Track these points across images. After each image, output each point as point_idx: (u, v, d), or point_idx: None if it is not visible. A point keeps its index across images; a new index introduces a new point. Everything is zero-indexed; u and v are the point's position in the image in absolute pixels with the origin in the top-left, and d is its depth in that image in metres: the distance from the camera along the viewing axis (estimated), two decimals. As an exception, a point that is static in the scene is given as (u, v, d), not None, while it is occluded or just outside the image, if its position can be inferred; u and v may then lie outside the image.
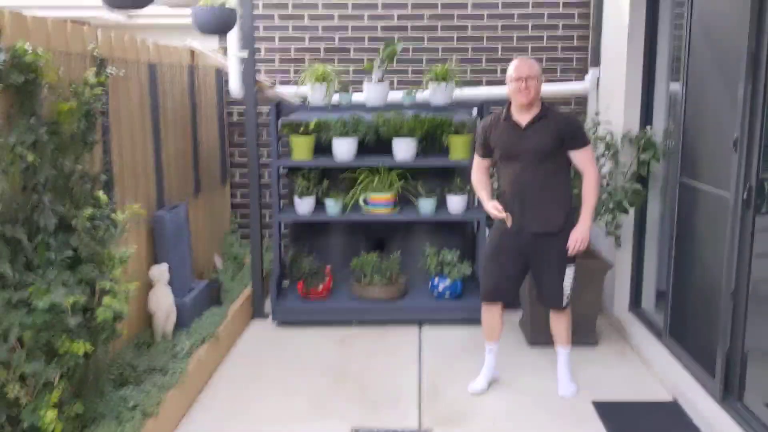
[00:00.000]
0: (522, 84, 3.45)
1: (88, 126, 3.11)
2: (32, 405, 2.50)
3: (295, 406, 3.64)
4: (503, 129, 3.59)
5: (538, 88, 3.49)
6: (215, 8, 4.10)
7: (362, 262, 4.90)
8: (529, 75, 3.46)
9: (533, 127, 3.51)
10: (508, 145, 3.56)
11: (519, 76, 3.46)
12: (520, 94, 3.47)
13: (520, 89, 3.46)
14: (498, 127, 3.61)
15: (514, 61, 3.54)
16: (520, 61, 3.53)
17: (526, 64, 3.51)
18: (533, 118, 3.52)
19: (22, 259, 2.61)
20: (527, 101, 3.48)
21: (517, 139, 3.52)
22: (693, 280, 3.83)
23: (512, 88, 3.50)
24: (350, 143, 4.75)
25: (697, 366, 3.69)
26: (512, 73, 3.50)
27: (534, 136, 3.50)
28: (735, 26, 3.31)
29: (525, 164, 3.52)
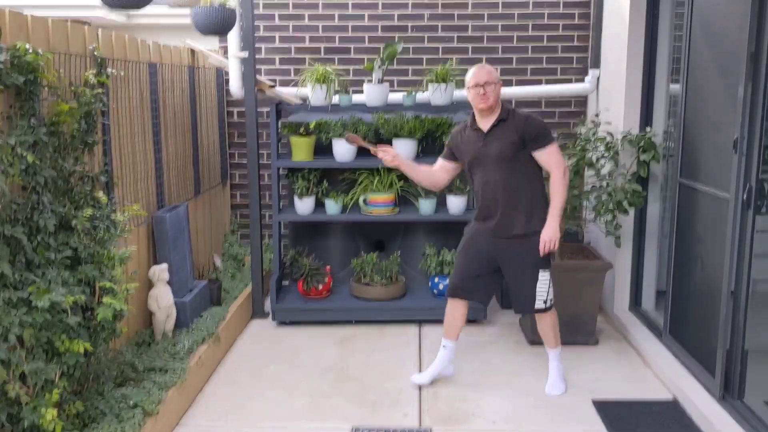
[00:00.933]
0: (480, 90, 3.49)
1: (88, 126, 3.12)
2: (33, 404, 2.51)
3: (295, 406, 3.64)
4: (468, 137, 3.63)
5: (497, 93, 3.52)
6: (215, 8, 4.10)
7: (362, 262, 4.90)
8: (487, 81, 3.48)
9: (494, 132, 3.54)
10: (473, 153, 3.60)
11: (477, 82, 3.50)
12: (479, 101, 3.51)
13: (479, 95, 3.50)
14: (464, 135, 3.66)
15: (472, 69, 3.57)
16: (477, 68, 3.56)
17: (483, 70, 3.53)
18: (494, 123, 3.54)
19: (22, 259, 2.62)
20: (486, 107, 3.51)
21: (481, 146, 3.56)
22: (693, 279, 3.83)
23: (471, 95, 3.53)
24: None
25: (697, 365, 3.69)
26: (470, 80, 3.53)
27: (495, 141, 3.52)
28: (735, 26, 3.32)
29: (490, 170, 3.55)
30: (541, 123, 3.57)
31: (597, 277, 4.37)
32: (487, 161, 3.55)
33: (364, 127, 4.83)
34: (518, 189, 3.54)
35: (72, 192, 3.03)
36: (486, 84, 3.48)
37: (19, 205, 2.64)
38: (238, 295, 4.87)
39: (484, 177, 3.59)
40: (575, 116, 5.65)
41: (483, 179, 3.60)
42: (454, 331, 3.87)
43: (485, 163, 3.56)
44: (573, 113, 5.67)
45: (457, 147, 3.70)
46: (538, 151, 3.52)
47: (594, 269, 4.37)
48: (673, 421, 3.45)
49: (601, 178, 4.47)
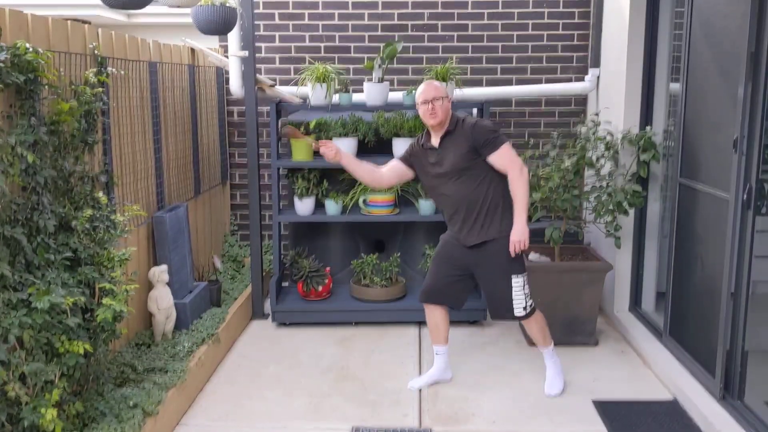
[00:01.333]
0: (429, 106, 3.49)
1: (89, 125, 3.11)
2: (32, 404, 2.51)
3: (295, 406, 3.64)
4: (421, 155, 3.64)
5: (446, 107, 3.52)
6: (216, 7, 4.10)
7: (362, 262, 4.90)
8: (435, 96, 3.49)
9: (444, 145, 3.54)
10: (427, 170, 3.61)
11: (425, 99, 3.51)
12: (428, 117, 3.52)
13: (428, 112, 3.51)
14: (418, 154, 3.67)
15: (420, 86, 3.60)
16: (425, 85, 3.58)
17: (431, 86, 3.55)
18: (442, 136, 3.55)
19: (22, 260, 2.61)
20: (436, 123, 3.51)
21: (434, 162, 3.57)
22: (693, 280, 3.83)
23: (421, 111, 3.54)
24: (350, 143, 4.75)
25: (697, 365, 3.69)
26: (418, 96, 3.55)
27: (447, 154, 3.52)
28: (735, 26, 3.32)
29: (448, 183, 3.55)
30: (489, 127, 3.53)
31: (597, 278, 4.37)
32: (442, 176, 3.55)
33: (364, 126, 4.82)
34: (477, 197, 3.52)
35: (72, 192, 3.02)
36: (434, 100, 3.49)
37: (19, 206, 2.63)
38: (238, 296, 4.87)
39: (442, 190, 3.59)
40: (575, 115, 5.65)
41: (441, 193, 3.60)
42: (440, 336, 3.86)
43: (441, 178, 3.56)
44: (573, 112, 5.66)
45: (414, 159, 3.69)
46: (491, 156, 3.48)
47: (594, 270, 4.37)
48: (673, 421, 3.45)
49: (601, 179, 4.47)
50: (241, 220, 5.93)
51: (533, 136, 5.67)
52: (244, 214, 5.88)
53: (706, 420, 3.32)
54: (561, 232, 4.36)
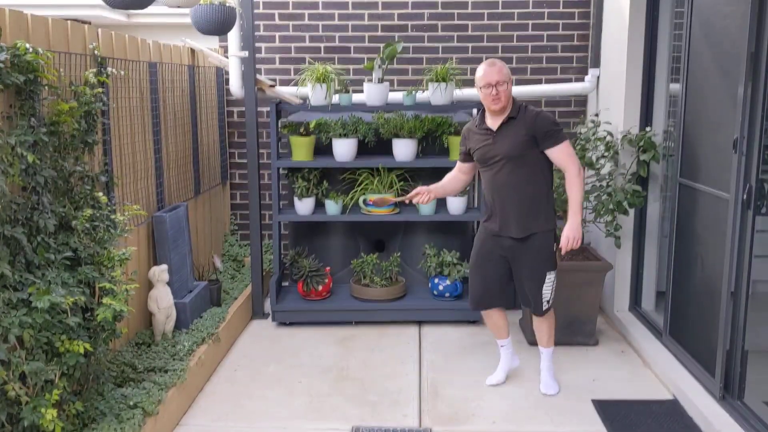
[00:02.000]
0: (492, 91, 3.35)
1: (88, 126, 3.12)
2: (32, 404, 2.51)
3: (295, 406, 3.64)
4: (477, 136, 3.53)
5: (509, 92, 3.39)
6: (215, 7, 4.10)
7: (362, 262, 4.90)
8: (499, 80, 3.34)
9: (503, 130, 3.43)
10: (482, 152, 3.50)
11: (488, 82, 3.35)
12: (491, 102, 3.38)
13: (490, 96, 3.36)
14: (473, 134, 3.57)
15: (483, 66, 3.39)
16: (488, 66, 3.38)
17: (495, 68, 3.36)
18: (503, 121, 3.43)
19: (22, 259, 2.62)
20: (499, 108, 3.39)
21: (490, 145, 3.46)
22: (693, 280, 3.83)
23: (483, 95, 3.40)
24: (350, 144, 4.75)
25: (697, 365, 3.69)
26: (480, 79, 3.38)
27: (505, 140, 3.42)
28: (735, 26, 3.32)
29: (500, 169, 3.46)
30: (553, 119, 3.47)
31: (597, 278, 4.37)
32: (496, 160, 3.45)
33: (364, 126, 4.82)
34: (526, 188, 3.45)
35: (72, 192, 3.03)
36: (498, 84, 3.33)
37: (19, 206, 2.64)
38: (238, 295, 4.87)
39: (492, 176, 3.50)
40: (575, 116, 5.65)
41: (491, 178, 3.51)
42: (502, 332, 3.86)
43: (494, 162, 3.46)
44: (573, 113, 5.66)
45: (469, 142, 3.61)
46: (550, 149, 3.41)
47: (594, 270, 4.37)
48: (673, 421, 3.45)
49: (601, 178, 4.47)
50: (241, 220, 5.93)
51: (533, 136, 5.67)
52: (244, 213, 5.88)
53: (706, 420, 3.32)
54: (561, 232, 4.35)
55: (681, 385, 3.67)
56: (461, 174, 3.76)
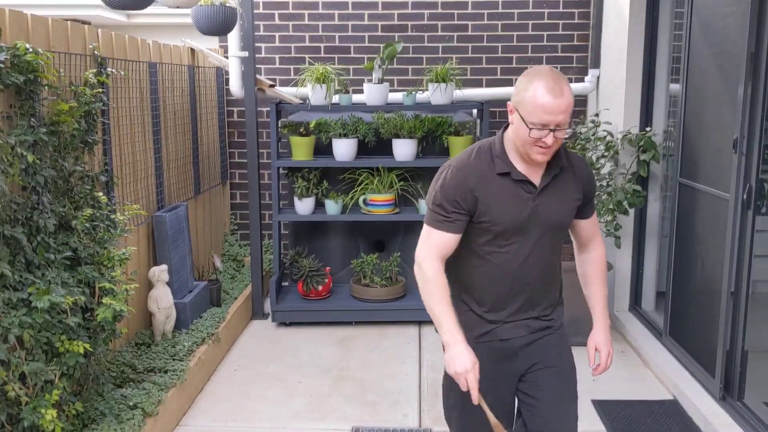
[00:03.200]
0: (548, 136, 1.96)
1: (88, 126, 3.11)
2: (32, 404, 2.51)
3: (295, 406, 3.64)
4: (503, 189, 2.09)
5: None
6: (216, 7, 4.10)
7: (362, 262, 4.90)
8: (564, 120, 1.95)
9: (552, 186, 2.12)
10: (515, 217, 2.09)
11: (548, 121, 1.93)
12: (537, 150, 2.00)
13: (541, 143, 1.97)
14: (491, 183, 2.08)
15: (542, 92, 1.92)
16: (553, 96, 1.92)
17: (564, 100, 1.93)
18: (552, 171, 2.12)
19: (22, 259, 2.61)
20: (545, 161, 2.07)
21: (530, 207, 2.09)
22: (693, 280, 3.83)
23: (525, 135, 1.98)
24: (350, 144, 4.75)
25: (697, 365, 3.69)
26: (534, 112, 1.93)
27: (553, 201, 2.13)
28: (735, 26, 3.32)
29: (529, 246, 2.14)
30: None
31: (597, 277, 4.36)
32: (535, 230, 2.13)
33: (364, 126, 4.82)
34: (551, 268, 2.27)
35: (72, 192, 3.02)
36: (560, 125, 1.96)
37: (19, 205, 2.63)
38: (238, 295, 4.87)
39: (521, 251, 2.14)
40: (575, 116, 5.65)
41: (513, 257, 2.14)
42: None
43: (530, 233, 2.12)
44: (573, 113, 5.64)
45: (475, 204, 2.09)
46: (589, 218, 2.30)
47: (594, 269, 4.36)
48: (672, 421, 3.45)
49: (601, 178, 4.47)
50: (241, 220, 5.93)
51: (533, 136, 5.66)
52: (244, 213, 5.88)
53: (706, 420, 3.32)
54: None
55: (681, 385, 3.66)
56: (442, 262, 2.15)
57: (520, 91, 1.99)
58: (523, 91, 1.98)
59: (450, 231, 2.12)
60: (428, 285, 2.12)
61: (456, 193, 2.09)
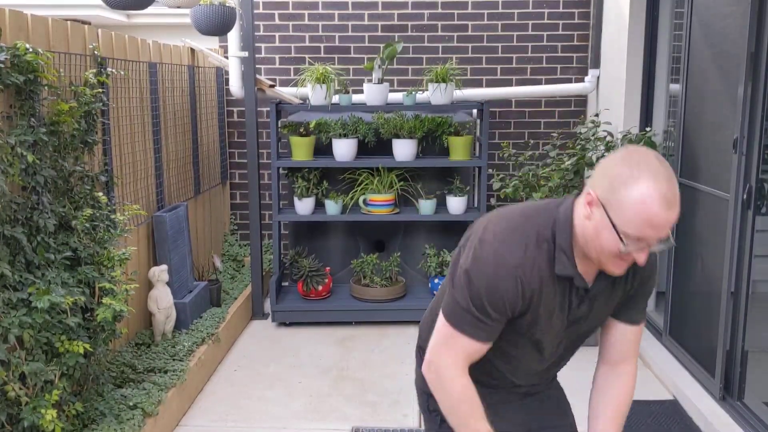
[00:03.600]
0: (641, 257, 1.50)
1: (88, 126, 3.11)
2: (32, 404, 2.51)
3: (295, 406, 3.64)
4: (556, 294, 1.62)
5: None
6: (215, 7, 4.10)
7: (362, 262, 4.90)
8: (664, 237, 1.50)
9: (601, 287, 1.67)
10: (557, 330, 1.68)
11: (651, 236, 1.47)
12: (619, 266, 1.55)
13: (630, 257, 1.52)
14: (548, 286, 1.60)
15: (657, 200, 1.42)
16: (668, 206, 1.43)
17: (677, 207, 1.47)
18: (608, 276, 1.65)
19: (22, 259, 2.61)
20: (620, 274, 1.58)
21: (584, 311, 1.68)
22: (693, 280, 3.83)
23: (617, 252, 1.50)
24: (350, 144, 4.75)
25: (697, 365, 3.69)
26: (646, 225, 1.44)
27: (598, 304, 1.69)
28: (735, 26, 3.32)
29: (566, 348, 1.79)
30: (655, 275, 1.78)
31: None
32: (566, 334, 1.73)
33: (364, 126, 4.82)
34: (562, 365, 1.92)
35: (72, 192, 3.02)
36: (660, 241, 1.51)
37: (19, 205, 2.63)
38: (238, 295, 4.87)
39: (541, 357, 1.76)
40: (575, 116, 5.65)
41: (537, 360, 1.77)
42: None
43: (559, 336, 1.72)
44: (573, 113, 5.66)
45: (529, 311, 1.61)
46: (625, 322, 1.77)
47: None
48: (672, 422, 3.45)
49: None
50: (241, 220, 5.93)
51: (533, 137, 5.67)
52: (244, 213, 5.88)
53: (706, 420, 3.32)
54: None
55: (681, 386, 3.66)
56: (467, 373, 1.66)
57: (618, 186, 1.43)
58: (622, 188, 1.43)
59: (486, 340, 1.61)
60: (456, 406, 1.63)
61: (509, 298, 1.55)
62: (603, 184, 1.47)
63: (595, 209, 1.49)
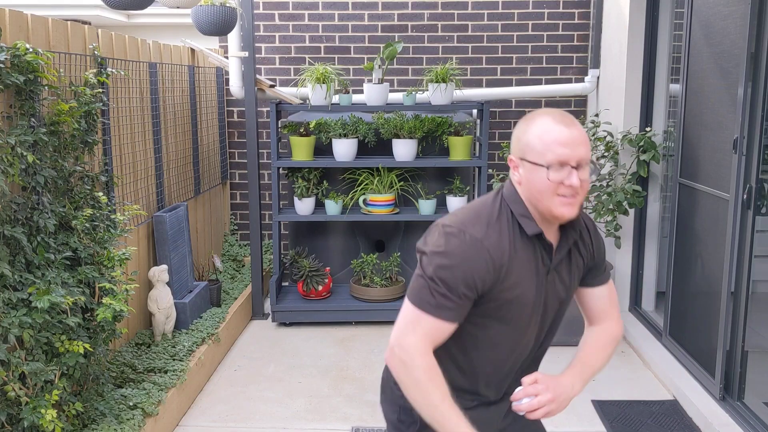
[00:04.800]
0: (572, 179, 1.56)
1: (88, 126, 3.12)
2: (32, 404, 2.51)
3: (295, 406, 3.64)
4: (528, 261, 1.65)
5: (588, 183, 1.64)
6: (216, 7, 4.10)
7: (362, 262, 4.90)
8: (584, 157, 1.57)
9: (561, 256, 1.72)
10: (532, 295, 1.67)
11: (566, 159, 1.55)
12: (560, 201, 1.58)
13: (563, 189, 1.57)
14: (519, 254, 1.63)
15: (550, 123, 1.57)
16: (566, 126, 1.57)
17: (578, 134, 1.57)
18: (572, 237, 1.72)
19: (22, 259, 2.62)
20: (572, 216, 1.61)
21: (550, 281, 1.71)
22: (693, 280, 3.83)
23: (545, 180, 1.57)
24: (350, 144, 4.75)
25: (697, 365, 3.69)
26: (549, 147, 1.56)
27: (564, 274, 1.74)
28: (735, 27, 3.32)
29: (533, 323, 1.72)
30: None
31: (597, 278, 4.36)
32: (540, 308, 1.72)
33: (364, 126, 4.83)
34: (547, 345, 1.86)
35: (72, 192, 3.03)
36: (581, 163, 1.57)
37: (19, 205, 2.64)
38: (238, 295, 4.87)
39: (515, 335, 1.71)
40: (575, 116, 5.65)
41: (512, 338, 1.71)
42: None
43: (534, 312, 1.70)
44: (573, 113, 5.66)
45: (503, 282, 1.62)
46: (603, 286, 1.86)
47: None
48: (672, 422, 3.45)
49: (601, 179, 4.47)
50: (241, 220, 5.93)
51: (533, 137, 5.67)
52: (244, 213, 5.88)
53: (706, 420, 3.32)
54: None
55: (681, 386, 3.67)
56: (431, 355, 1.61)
57: (521, 135, 1.62)
58: (524, 135, 1.61)
59: (453, 320, 1.60)
60: (423, 386, 1.57)
61: (478, 272, 1.57)
62: (513, 146, 1.66)
63: (519, 168, 1.64)
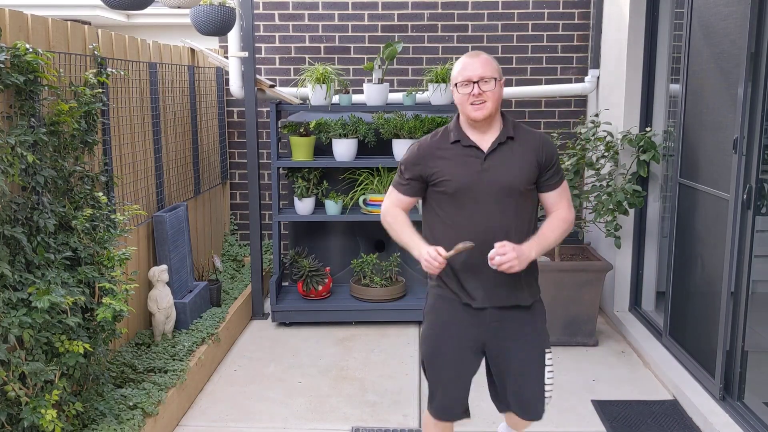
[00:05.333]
0: (474, 89, 2.30)
1: (88, 126, 3.12)
2: (32, 404, 2.51)
3: (295, 406, 3.64)
4: (454, 156, 2.39)
5: (498, 95, 2.34)
6: (215, 7, 4.10)
7: (362, 262, 4.90)
8: (483, 75, 2.31)
9: (499, 152, 2.38)
10: (464, 181, 2.36)
11: (468, 77, 2.31)
12: (471, 107, 2.32)
13: (470, 97, 2.31)
14: (445, 153, 2.41)
15: (461, 59, 2.38)
16: (469, 57, 2.35)
17: (478, 60, 2.33)
18: (498, 139, 2.39)
19: (22, 259, 2.62)
20: (483, 116, 2.32)
21: (478, 172, 2.36)
22: (693, 280, 3.83)
23: (459, 96, 2.35)
24: (350, 144, 4.75)
25: (697, 365, 3.69)
26: (458, 74, 2.35)
27: (501, 166, 2.37)
28: (735, 26, 3.32)
29: (486, 208, 2.36)
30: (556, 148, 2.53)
31: (597, 278, 4.37)
32: (486, 196, 2.36)
33: (364, 126, 4.83)
34: (519, 235, 2.37)
35: (72, 192, 3.03)
36: (481, 80, 2.30)
37: (19, 205, 2.64)
38: (238, 295, 4.87)
39: (470, 218, 2.39)
40: (575, 116, 5.65)
41: (468, 222, 2.39)
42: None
43: (481, 199, 2.37)
44: (573, 113, 5.66)
45: (431, 169, 2.42)
46: (550, 190, 2.45)
47: (594, 270, 4.37)
48: (672, 422, 3.45)
49: (601, 179, 4.47)
50: (241, 220, 5.93)
51: (533, 137, 5.67)
52: (244, 213, 5.88)
53: (706, 420, 3.32)
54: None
55: (681, 386, 3.67)
56: (405, 210, 2.59)
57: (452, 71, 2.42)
58: (451, 72, 2.45)
59: (405, 194, 2.53)
60: (394, 224, 2.54)
61: (414, 162, 2.46)
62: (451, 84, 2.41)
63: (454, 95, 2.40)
